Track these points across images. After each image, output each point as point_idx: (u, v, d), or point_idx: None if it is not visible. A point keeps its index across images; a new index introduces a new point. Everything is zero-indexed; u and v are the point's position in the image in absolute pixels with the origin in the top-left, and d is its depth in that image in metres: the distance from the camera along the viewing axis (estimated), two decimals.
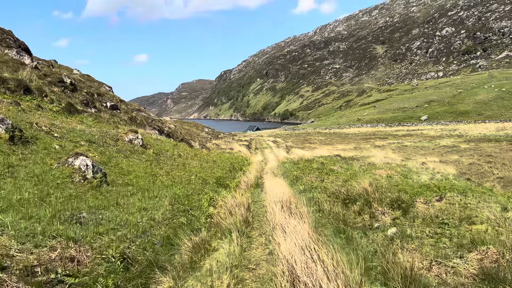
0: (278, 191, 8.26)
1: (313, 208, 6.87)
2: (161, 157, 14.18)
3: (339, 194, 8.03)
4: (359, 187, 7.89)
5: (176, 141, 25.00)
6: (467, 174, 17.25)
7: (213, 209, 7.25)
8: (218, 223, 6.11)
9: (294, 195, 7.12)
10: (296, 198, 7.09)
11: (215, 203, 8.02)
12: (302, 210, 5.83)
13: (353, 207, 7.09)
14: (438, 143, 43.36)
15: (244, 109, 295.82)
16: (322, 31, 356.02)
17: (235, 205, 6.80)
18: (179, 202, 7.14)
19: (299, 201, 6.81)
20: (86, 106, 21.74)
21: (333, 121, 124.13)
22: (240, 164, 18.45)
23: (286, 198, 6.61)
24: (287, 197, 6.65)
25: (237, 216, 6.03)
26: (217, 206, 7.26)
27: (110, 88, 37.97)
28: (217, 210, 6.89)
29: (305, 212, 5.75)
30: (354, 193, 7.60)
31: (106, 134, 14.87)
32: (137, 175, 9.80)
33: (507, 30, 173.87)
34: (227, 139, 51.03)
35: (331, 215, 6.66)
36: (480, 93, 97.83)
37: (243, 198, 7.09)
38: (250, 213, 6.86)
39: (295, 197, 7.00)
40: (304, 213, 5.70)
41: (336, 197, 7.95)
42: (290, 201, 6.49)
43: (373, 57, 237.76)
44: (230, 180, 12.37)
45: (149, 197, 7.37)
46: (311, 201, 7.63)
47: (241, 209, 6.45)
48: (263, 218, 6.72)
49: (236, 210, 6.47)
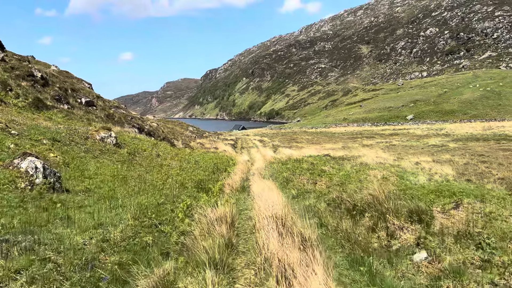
0: (267, 196, 6.99)
1: (313, 220, 5.61)
2: (136, 158, 12.75)
3: (342, 202, 6.78)
4: (366, 193, 6.65)
5: (156, 140, 23.51)
6: (466, 175, 16.26)
7: (189, 222, 5.92)
8: (193, 245, 4.76)
9: (287, 204, 5.82)
10: (291, 209, 5.78)
11: (193, 213, 6.68)
12: (307, 234, 4.50)
13: (363, 221, 5.86)
14: (427, 142, 42.74)
15: (230, 108, 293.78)
16: (308, 31, 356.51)
17: (215, 219, 5.49)
18: (146, 214, 5.80)
19: (294, 214, 5.52)
20: (57, 102, 20.10)
21: (319, 120, 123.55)
22: (225, 164, 17.11)
23: (280, 211, 5.27)
24: (281, 210, 5.31)
25: (217, 238, 4.67)
26: (195, 219, 5.93)
27: (90, 85, 36.31)
28: (193, 227, 5.57)
29: (310, 236, 4.43)
30: (363, 202, 6.35)
31: (74, 131, 13.36)
32: (103, 179, 8.40)
33: (490, 31, 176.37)
34: (212, 138, 49.57)
35: (338, 233, 5.41)
36: (465, 92, 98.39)
37: (226, 209, 5.76)
38: (234, 230, 5.53)
39: (288, 207, 5.68)
40: (309, 237, 4.39)
41: (337, 206, 6.71)
42: (284, 216, 5.17)
43: (358, 57, 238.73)
44: (213, 183, 11.03)
45: (111, 208, 6.01)
46: (309, 211, 6.38)
47: (222, 227, 5.09)
48: (250, 237, 5.42)
49: (216, 228, 5.14)
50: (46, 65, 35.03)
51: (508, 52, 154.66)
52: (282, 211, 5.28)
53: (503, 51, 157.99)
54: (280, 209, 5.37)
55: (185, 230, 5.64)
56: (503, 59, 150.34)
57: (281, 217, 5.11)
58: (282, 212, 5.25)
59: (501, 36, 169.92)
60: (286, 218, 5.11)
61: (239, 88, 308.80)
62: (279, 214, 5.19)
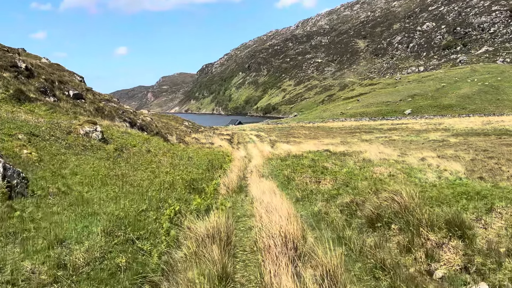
0: (269, 201, 5.99)
1: (327, 232, 4.59)
2: (123, 154, 11.68)
3: (358, 209, 5.74)
4: (386, 196, 5.62)
5: (149, 135, 22.42)
6: (476, 172, 15.35)
7: (175, 235, 4.88)
8: (176, 275, 3.71)
9: (296, 216, 4.79)
10: (299, 220, 4.73)
11: (182, 220, 5.65)
12: (330, 264, 3.43)
13: (389, 234, 4.83)
14: (427, 137, 41.92)
15: (226, 103, 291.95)
16: (304, 25, 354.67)
17: (206, 235, 4.45)
18: (122, 226, 4.76)
19: (305, 227, 4.50)
20: (43, 94, 18.94)
21: (316, 115, 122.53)
22: (221, 161, 16.08)
23: (289, 227, 4.17)
24: (290, 226, 4.22)
25: (207, 265, 3.61)
26: (183, 228, 4.89)
27: (82, 78, 35.22)
28: (179, 242, 4.54)
29: (335, 269, 3.36)
30: (388, 210, 5.29)
31: (56, 125, 12.27)
32: (81, 180, 7.35)
33: (487, 25, 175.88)
34: (208, 133, 48.45)
35: (366, 255, 4.36)
36: (463, 87, 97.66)
37: (220, 221, 4.71)
38: (230, 248, 4.48)
39: (298, 220, 4.59)
40: (334, 270, 3.35)
41: (352, 213, 5.68)
42: (294, 234, 4.09)
43: (354, 51, 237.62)
44: (207, 183, 10.00)
45: (81, 216, 4.96)
46: (319, 219, 5.37)
47: (214, 250, 3.99)
48: (251, 258, 4.37)
49: (207, 248, 4.09)
50: (36, 58, 33.95)
51: (505, 47, 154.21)
52: (291, 226, 4.24)
53: (500, 46, 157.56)
54: (287, 223, 4.31)
55: (170, 244, 4.61)
56: (500, 53, 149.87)
57: (291, 237, 4.07)
58: (291, 228, 4.20)
59: (498, 31, 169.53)
60: (297, 237, 4.08)
61: (236, 82, 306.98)
62: (287, 231, 4.14)
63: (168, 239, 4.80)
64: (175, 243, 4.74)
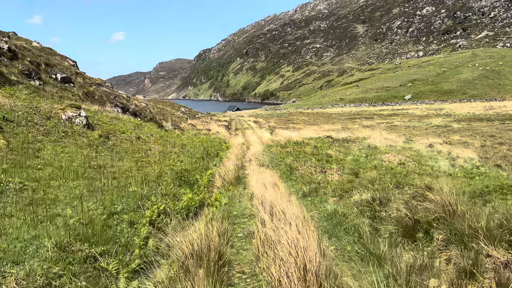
0: (272, 199, 4.98)
1: (351, 243, 3.57)
2: (109, 141, 10.60)
3: (383, 209, 4.69)
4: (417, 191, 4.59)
5: (142, 121, 21.31)
6: (490, 159, 14.38)
7: (156, 245, 3.85)
8: None
9: (307, 218, 3.77)
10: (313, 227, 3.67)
11: (167, 221, 4.63)
12: None
13: (434, 247, 3.79)
14: (430, 123, 40.98)
15: (223, 89, 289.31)
16: (303, 10, 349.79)
17: (191, 254, 3.39)
18: (83, 237, 3.72)
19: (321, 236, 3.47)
20: (27, 78, 17.75)
21: (315, 101, 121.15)
22: (217, 148, 15.03)
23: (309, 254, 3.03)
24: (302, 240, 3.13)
25: None
26: (168, 233, 3.85)
27: (75, 62, 34.04)
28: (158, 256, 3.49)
29: None
30: (424, 213, 4.20)
31: (35, 110, 11.15)
32: (53, 172, 6.29)
33: (487, 9, 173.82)
34: (205, 119, 47.28)
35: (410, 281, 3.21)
36: (464, 71, 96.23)
37: (211, 233, 3.60)
38: (223, 273, 3.39)
39: (309, 225, 3.56)
40: None
41: (376, 215, 4.63)
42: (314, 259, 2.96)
43: (353, 36, 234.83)
44: (201, 173, 8.96)
45: (38, 221, 3.92)
46: (337, 224, 4.35)
47: (199, 275, 2.91)
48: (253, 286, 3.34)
49: (191, 275, 3.03)
50: (27, 41, 32.81)
51: (505, 32, 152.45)
52: (308, 243, 3.15)
53: (500, 31, 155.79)
54: (302, 241, 3.21)
55: (147, 261, 3.58)
56: (500, 38, 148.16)
57: (312, 268, 2.95)
58: (309, 249, 3.09)
59: (498, 15, 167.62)
60: (317, 265, 2.97)
61: (233, 68, 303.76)
62: (306, 258, 3.01)
63: (144, 252, 3.76)
64: (155, 255, 3.71)
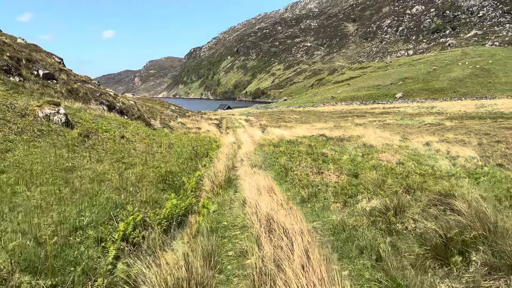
0: (267, 207, 4.31)
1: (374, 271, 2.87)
2: (88, 141, 9.80)
3: (399, 221, 4.00)
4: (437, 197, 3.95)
5: (129, 119, 20.47)
6: (491, 158, 13.86)
7: (124, 270, 3.12)
8: None
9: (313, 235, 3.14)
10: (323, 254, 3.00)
11: (145, 234, 3.91)
12: None
13: (472, 274, 3.16)
14: (423, 121, 40.69)
15: (214, 87, 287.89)
16: (293, 8, 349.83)
17: None
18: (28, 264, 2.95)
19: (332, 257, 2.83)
20: (5, 74, 16.80)
21: (306, 99, 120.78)
22: (207, 147, 14.29)
23: None
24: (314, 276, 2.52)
25: None
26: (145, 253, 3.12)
27: (61, 60, 33.10)
28: None
29: None
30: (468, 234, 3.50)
31: (9, 107, 10.31)
32: (18, 177, 5.52)
33: (476, 9, 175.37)
34: (195, 118, 46.43)
35: None
36: (455, 70, 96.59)
37: (196, 256, 2.91)
38: None
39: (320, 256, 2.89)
40: None
41: (392, 229, 3.92)
42: None
43: (344, 35, 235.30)
44: (189, 175, 8.23)
45: None
46: (346, 240, 3.67)
47: None
48: None
49: None
50: (12, 38, 31.90)
51: (493, 31, 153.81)
52: None
53: (489, 30, 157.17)
54: None
55: None
56: (488, 37, 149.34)
57: None
58: None
59: (487, 14, 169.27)
60: None
61: (224, 67, 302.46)
62: None
63: (109, 281, 2.99)
64: (124, 285, 2.95)
